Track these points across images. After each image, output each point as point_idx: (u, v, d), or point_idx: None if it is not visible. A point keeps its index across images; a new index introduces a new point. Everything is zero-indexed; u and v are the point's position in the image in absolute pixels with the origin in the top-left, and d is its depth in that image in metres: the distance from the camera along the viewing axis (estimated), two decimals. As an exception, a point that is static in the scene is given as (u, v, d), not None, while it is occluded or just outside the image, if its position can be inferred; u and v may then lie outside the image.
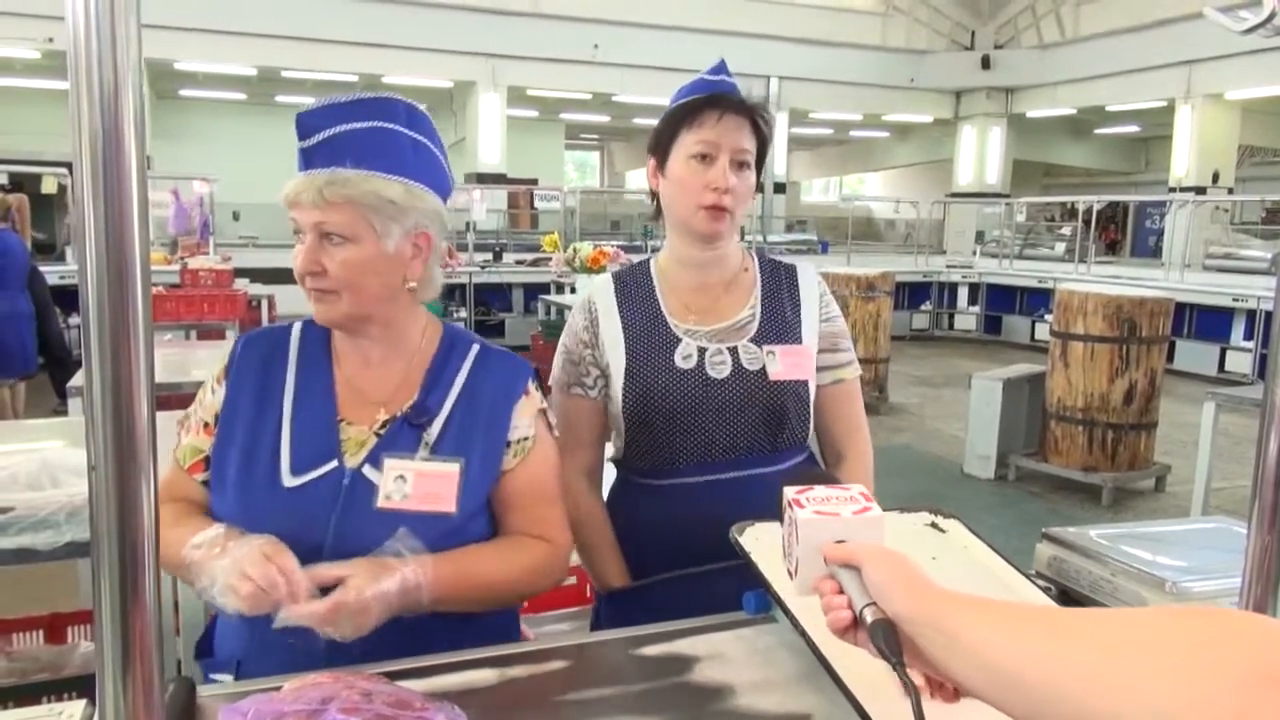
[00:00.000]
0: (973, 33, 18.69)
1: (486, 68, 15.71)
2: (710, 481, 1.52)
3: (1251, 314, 9.57)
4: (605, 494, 1.65)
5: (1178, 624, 0.58)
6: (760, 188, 1.62)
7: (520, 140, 17.25)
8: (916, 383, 9.38)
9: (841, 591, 0.84)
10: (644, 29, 15.41)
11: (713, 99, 1.50)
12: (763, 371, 1.52)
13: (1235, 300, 9.81)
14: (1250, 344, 9.54)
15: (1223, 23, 0.97)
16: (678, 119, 1.51)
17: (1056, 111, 18.84)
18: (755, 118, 1.52)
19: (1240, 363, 9.56)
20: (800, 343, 1.56)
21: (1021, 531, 4.87)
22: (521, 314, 10.89)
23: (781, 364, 1.53)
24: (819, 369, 1.60)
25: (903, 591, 0.77)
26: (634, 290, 1.60)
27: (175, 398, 4.34)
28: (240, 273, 8.61)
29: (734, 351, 1.53)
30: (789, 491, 0.94)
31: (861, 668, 0.99)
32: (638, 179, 21.64)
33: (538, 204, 13.20)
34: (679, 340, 1.54)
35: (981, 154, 19.18)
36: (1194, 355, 9.94)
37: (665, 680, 1.19)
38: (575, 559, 1.59)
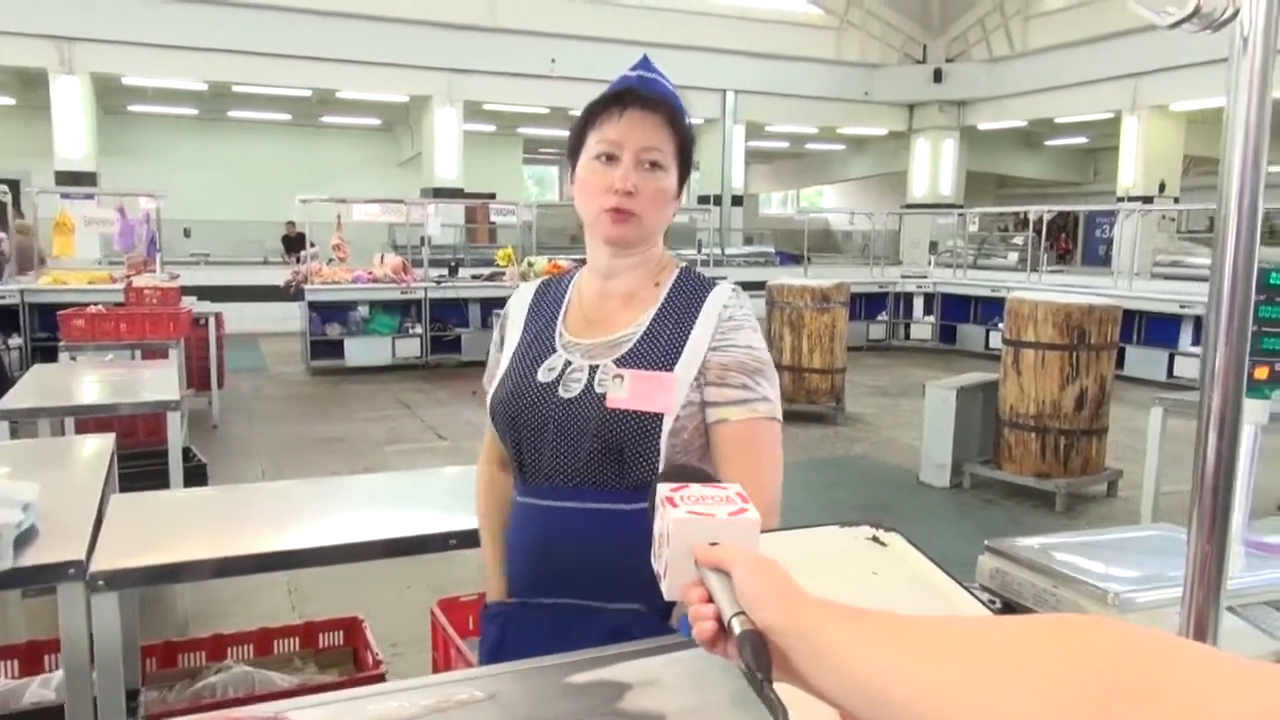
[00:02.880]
0: (924, 47, 18.97)
1: (443, 82, 15.63)
2: (561, 509, 1.39)
3: (1198, 320, 9.75)
4: None
5: (1040, 636, 0.56)
6: (706, 200, 1.53)
7: (478, 155, 17.17)
8: (873, 393, 9.42)
9: (710, 600, 0.78)
10: (601, 43, 15.43)
11: (617, 95, 1.38)
12: (604, 397, 1.35)
13: (1182, 307, 10.01)
14: (1198, 349, 9.69)
15: (1148, 16, 0.95)
16: (584, 121, 1.40)
17: (1007, 124, 19.18)
18: (668, 113, 1.37)
19: (1188, 368, 9.73)
20: (669, 370, 1.35)
21: (977, 539, 4.87)
22: (478, 329, 10.79)
23: (629, 391, 1.34)
24: (707, 404, 1.37)
25: (774, 600, 0.71)
26: (549, 298, 1.52)
27: (115, 419, 4.23)
28: (189, 290, 8.47)
29: (593, 370, 1.38)
30: (663, 488, 0.88)
31: (801, 692, 0.95)
32: (596, 193, 21.59)
33: (495, 218, 13.11)
34: (552, 352, 1.42)
35: (935, 166, 19.45)
36: (1143, 361, 10.10)
37: (598, 710, 1.14)
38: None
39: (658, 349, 1.38)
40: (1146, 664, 0.49)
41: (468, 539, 2.06)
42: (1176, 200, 16.31)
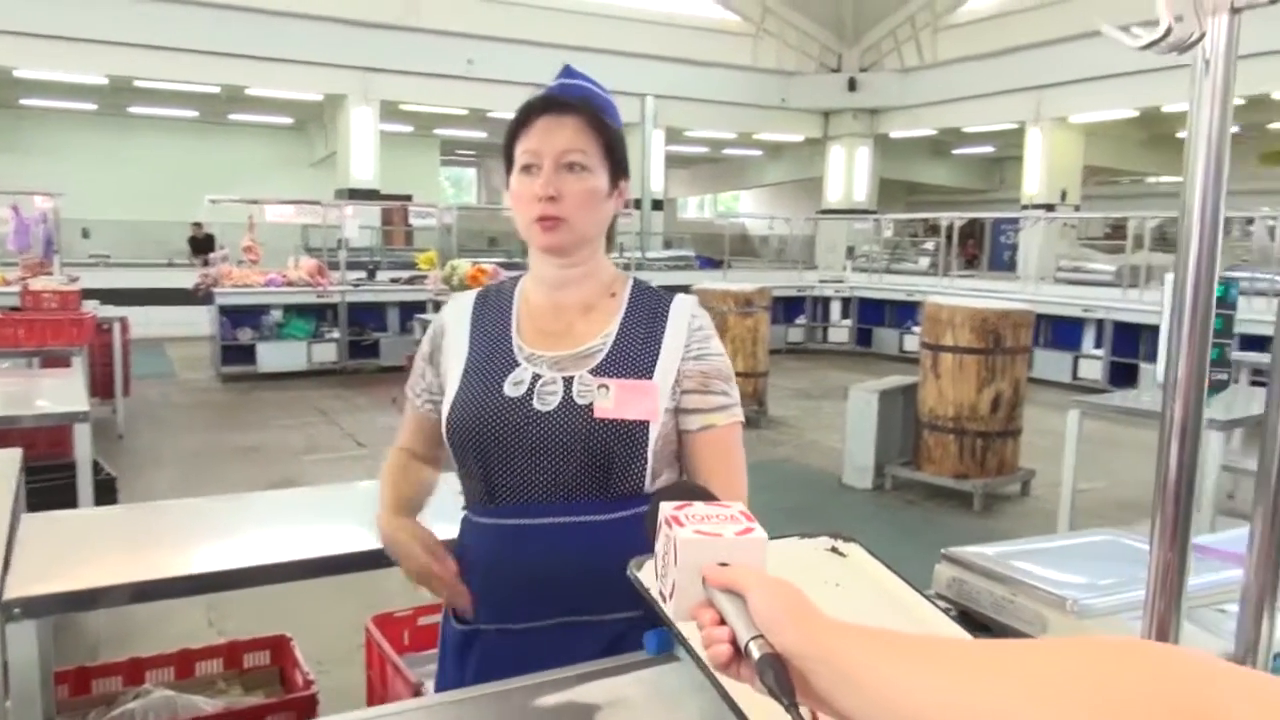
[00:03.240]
0: (839, 56, 19.37)
1: (358, 81, 15.30)
2: (530, 526, 1.35)
3: (1100, 323, 10.17)
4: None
5: (1088, 660, 0.55)
6: (626, 204, 1.51)
7: (394, 156, 16.86)
8: (795, 395, 9.55)
9: (723, 622, 0.76)
10: (520, 45, 15.32)
11: (532, 105, 1.38)
12: (590, 407, 1.33)
13: (1085, 310, 10.41)
14: (1100, 352, 10.13)
15: (1120, 39, 0.96)
16: (509, 135, 1.40)
17: (918, 132, 19.72)
18: (589, 114, 1.37)
19: (1092, 370, 10.14)
20: (649, 378, 1.36)
21: (900, 540, 4.98)
22: (397, 333, 10.58)
23: (615, 400, 1.33)
24: (687, 411, 1.39)
25: (793, 624, 0.70)
26: (492, 309, 1.47)
27: (15, 432, 4.00)
28: (90, 294, 8.09)
29: (569, 382, 1.35)
30: (666, 507, 0.86)
31: (770, 707, 0.93)
32: (515, 195, 21.44)
33: (413, 221, 12.88)
34: (516, 365, 1.38)
35: (850, 172, 19.88)
36: (1050, 364, 10.47)
37: (564, 732, 1.10)
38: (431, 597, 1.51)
39: (632, 358, 1.38)
40: (1202, 688, 0.48)
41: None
42: (1077, 208, 17.00)
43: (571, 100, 1.38)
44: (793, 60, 19.00)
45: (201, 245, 13.97)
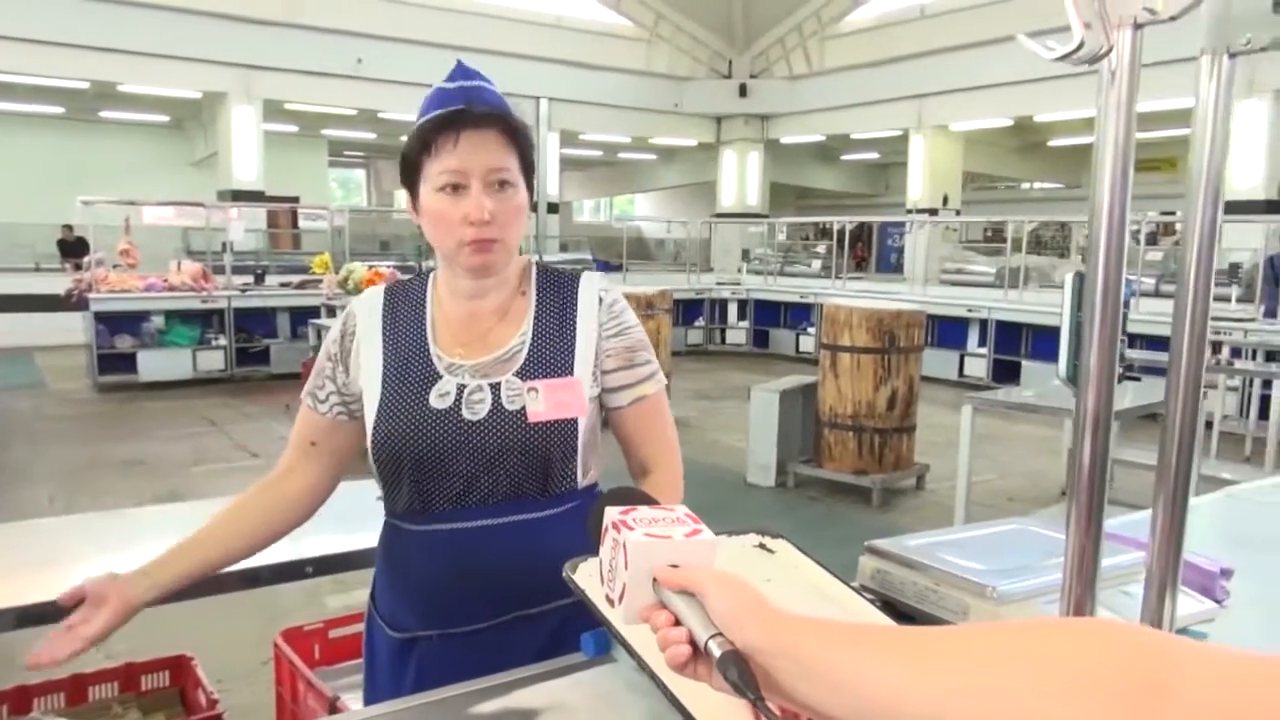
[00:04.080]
0: (730, 62, 19.70)
1: (239, 78, 14.75)
2: (470, 529, 1.34)
3: (984, 323, 10.62)
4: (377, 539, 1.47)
5: (1056, 638, 0.57)
6: (534, 207, 1.49)
7: (279, 157, 16.32)
8: (696, 396, 9.66)
9: (677, 623, 0.77)
10: (411, 45, 15.04)
11: (449, 117, 1.29)
12: (523, 412, 1.32)
13: (970, 311, 10.86)
14: (984, 350, 10.57)
15: (1035, 50, 1.02)
16: (417, 147, 1.31)
17: (807, 138, 20.23)
18: (505, 126, 1.32)
19: (976, 367, 10.57)
20: (571, 374, 1.36)
21: (805, 535, 5.05)
22: (288, 339, 10.24)
23: (545, 402, 1.33)
24: (615, 389, 1.41)
25: (753, 620, 0.71)
26: (403, 310, 1.42)
27: None
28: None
29: (495, 389, 1.34)
30: (611, 512, 0.87)
31: (713, 705, 0.94)
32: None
33: (303, 223, 12.52)
34: (439, 376, 1.35)
35: (742, 176, 20.24)
36: (937, 362, 10.86)
37: (505, 739, 1.09)
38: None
39: (551, 355, 1.38)
40: (1170, 662, 0.51)
41: (324, 565, 1.95)
42: (958, 213, 17.72)
43: (490, 112, 1.31)
44: (685, 66, 19.23)
45: (73, 249, 13.23)
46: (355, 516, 1.71)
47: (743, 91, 19.36)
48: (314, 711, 2.10)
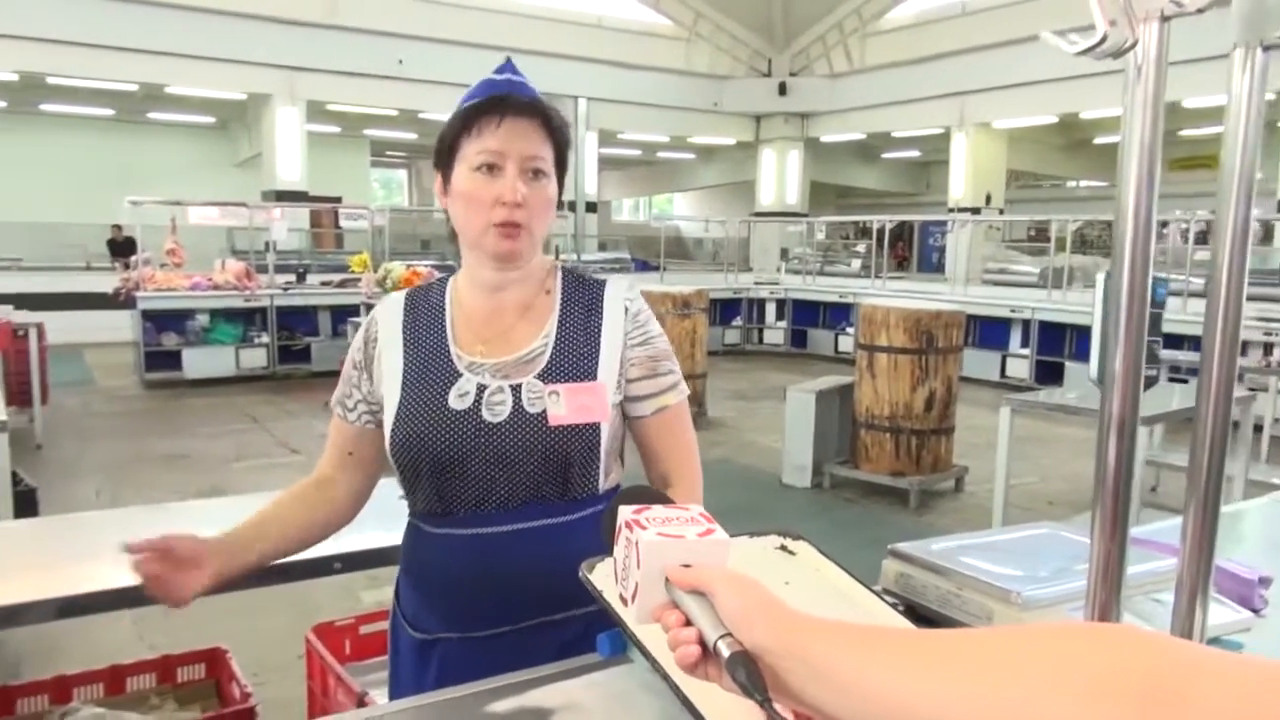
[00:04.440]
0: (770, 60, 19.60)
1: (283, 80, 14.98)
2: (490, 534, 1.33)
3: (1026, 323, 10.46)
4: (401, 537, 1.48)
5: (1068, 643, 0.56)
6: (561, 205, 1.48)
7: (322, 157, 16.55)
8: (732, 396, 9.63)
9: (688, 623, 0.76)
10: (451, 45, 15.17)
11: (494, 101, 1.31)
12: (544, 415, 1.31)
13: (1012, 311, 10.70)
14: (1026, 351, 10.42)
15: (1058, 45, 0.99)
16: (457, 128, 1.32)
17: (847, 136, 20.07)
18: (546, 119, 1.34)
19: (1019, 368, 10.42)
20: (594, 379, 1.35)
21: (840, 536, 5.06)
22: (329, 337, 10.38)
23: (566, 406, 1.32)
24: (638, 398, 1.40)
25: (762, 620, 0.71)
26: (423, 313, 1.41)
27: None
28: (2, 299, 7.80)
29: (516, 390, 1.32)
30: (625, 511, 0.86)
31: (725, 706, 0.93)
32: (448, 198, 21.26)
33: (344, 223, 12.66)
34: (459, 375, 1.34)
35: (781, 175, 20.13)
36: (978, 362, 10.73)
37: (519, 737, 1.09)
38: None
39: (575, 358, 1.36)
40: (1187, 669, 0.50)
41: (353, 561, 1.97)
42: (1001, 211, 17.47)
43: (533, 102, 1.33)
44: (725, 64, 19.17)
45: (122, 248, 13.52)
46: (384, 513, 1.72)
47: (782, 90, 19.25)
48: (343, 706, 2.13)
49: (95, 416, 8.10)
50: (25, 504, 3.86)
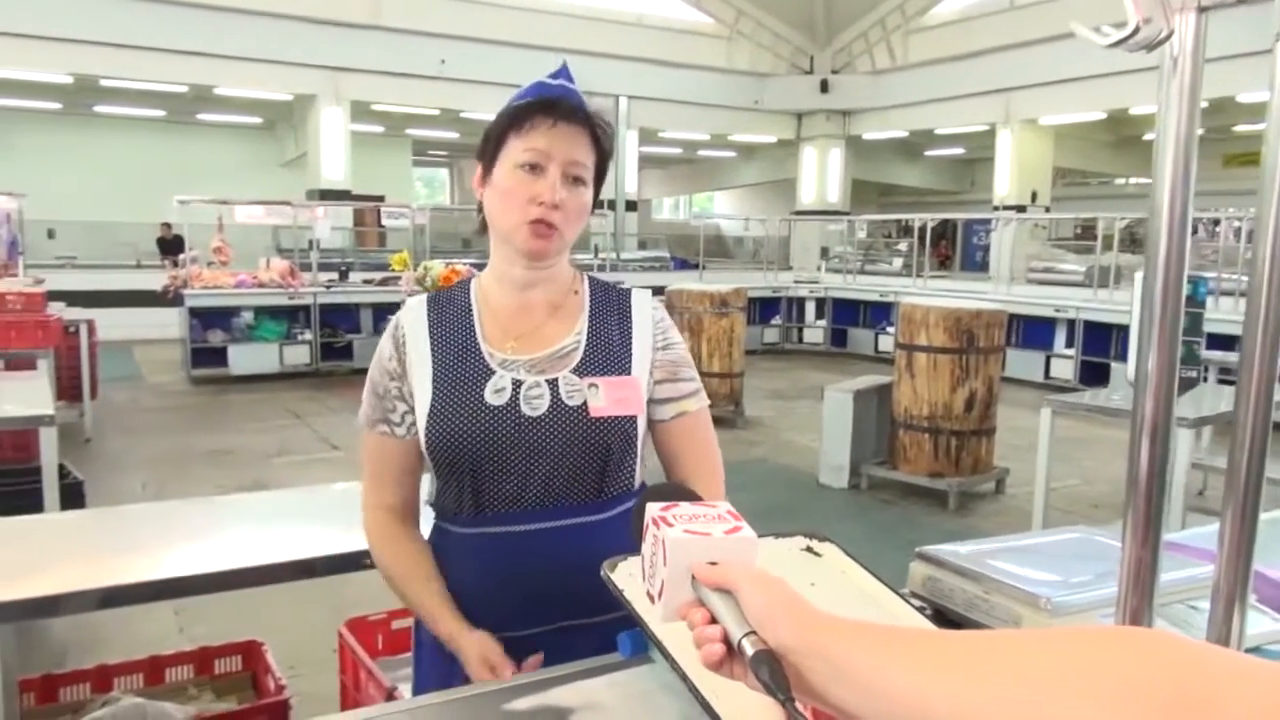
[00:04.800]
0: (811, 58, 19.45)
1: (328, 81, 15.18)
2: (521, 533, 1.33)
3: (1071, 323, 10.28)
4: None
5: (1091, 647, 0.55)
6: (601, 204, 1.50)
7: (365, 156, 16.74)
8: (770, 396, 9.58)
9: (714, 621, 0.76)
10: (492, 45, 15.27)
11: (547, 104, 1.32)
12: (584, 407, 1.32)
13: (1057, 310, 10.52)
14: (1071, 351, 10.23)
15: (1090, 38, 0.97)
16: (506, 123, 1.33)
17: (890, 134, 19.85)
18: (595, 129, 1.36)
19: (1063, 369, 10.24)
20: (629, 373, 1.38)
21: (877, 538, 5.01)
22: (370, 335, 10.50)
23: (606, 398, 1.33)
24: (659, 401, 1.41)
25: (786, 619, 0.70)
26: (449, 313, 1.41)
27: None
28: (55, 295, 7.98)
29: (554, 384, 1.33)
30: (652, 508, 0.86)
31: (743, 707, 0.93)
32: (489, 196, 21.39)
33: (386, 221, 12.79)
34: (492, 372, 1.34)
35: (822, 173, 19.97)
36: (1022, 363, 10.56)
37: (538, 735, 1.09)
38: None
39: (609, 354, 1.39)
40: (1216, 677, 0.48)
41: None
42: (1047, 209, 17.18)
43: (583, 110, 1.36)
44: (766, 62, 19.06)
45: (170, 246, 13.80)
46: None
47: (824, 87, 19.10)
48: (373, 700, 2.15)
49: (143, 411, 8.27)
50: (72, 496, 3.95)
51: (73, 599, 1.73)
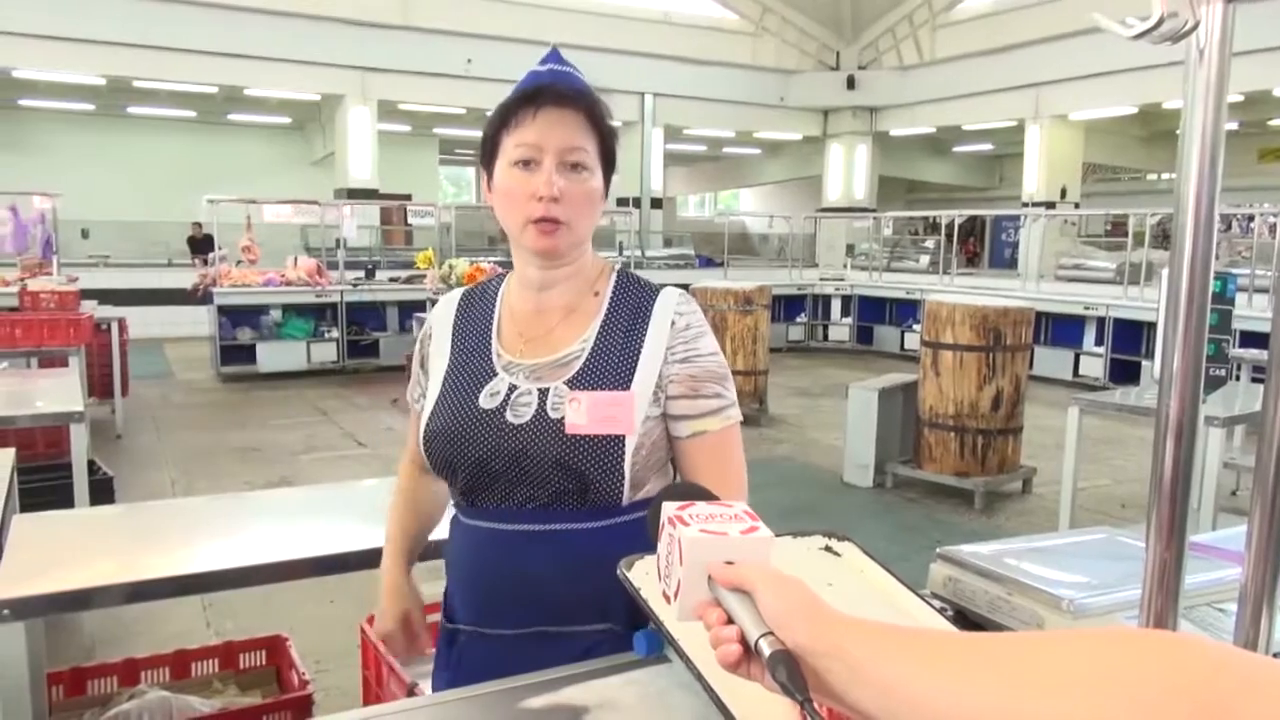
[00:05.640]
0: (838, 54, 19.33)
1: (356, 80, 15.29)
2: (511, 531, 1.31)
3: (1101, 321, 10.15)
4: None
5: (1113, 653, 0.54)
6: (625, 202, 1.46)
7: (392, 155, 16.85)
8: (795, 394, 9.53)
9: (730, 621, 0.75)
10: (518, 44, 15.27)
11: (529, 95, 1.27)
12: (564, 421, 1.27)
13: (1086, 308, 10.39)
14: (1100, 349, 10.10)
15: (1113, 29, 0.95)
16: (498, 123, 1.29)
17: (917, 130, 19.67)
18: (587, 109, 1.29)
19: (1093, 367, 10.11)
20: (626, 389, 1.28)
21: (901, 538, 4.97)
22: (396, 332, 10.57)
23: (587, 415, 1.26)
24: (675, 418, 1.33)
25: (804, 620, 0.70)
26: (474, 311, 1.41)
27: (12, 432, 3.99)
28: (89, 294, 8.10)
29: (543, 394, 1.29)
30: (669, 507, 0.85)
31: (759, 707, 0.92)
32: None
33: (412, 220, 12.87)
34: (493, 375, 1.32)
35: (849, 170, 19.84)
36: (1051, 361, 10.45)
37: (554, 734, 1.09)
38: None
39: (609, 367, 1.31)
40: (1240, 682, 0.47)
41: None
42: (1077, 206, 16.97)
43: (572, 93, 1.29)
44: (791, 58, 18.97)
45: (201, 245, 13.96)
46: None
47: (851, 84, 18.97)
48: (394, 696, 2.15)
49: (173, 408, 8.37)
50: (102, 492, 4.01)
51: (101, 593, 1.75)
